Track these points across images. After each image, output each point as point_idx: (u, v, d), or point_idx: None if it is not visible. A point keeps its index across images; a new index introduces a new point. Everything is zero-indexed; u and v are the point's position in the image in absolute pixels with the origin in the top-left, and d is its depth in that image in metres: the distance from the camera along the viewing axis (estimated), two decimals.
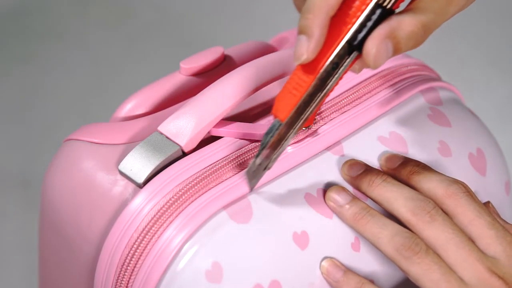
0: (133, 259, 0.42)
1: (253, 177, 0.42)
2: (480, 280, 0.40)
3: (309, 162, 0.45)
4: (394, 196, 0.42)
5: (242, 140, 0.45)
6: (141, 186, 0.43)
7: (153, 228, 0.42)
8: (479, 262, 0.40)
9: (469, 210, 0.41)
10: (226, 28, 1.14)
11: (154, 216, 0.42)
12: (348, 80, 0.50)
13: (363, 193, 0.44)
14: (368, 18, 0.38)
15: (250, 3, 1.19)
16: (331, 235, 0.43)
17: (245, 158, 0.44)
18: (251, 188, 0.43)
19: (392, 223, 0.42)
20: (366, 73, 0.50)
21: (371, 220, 0.42)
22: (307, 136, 0.46)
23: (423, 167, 0.44)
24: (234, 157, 0.44)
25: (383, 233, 0.41)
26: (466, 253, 0.40)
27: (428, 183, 0.43)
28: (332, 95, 0.49)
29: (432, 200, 0.42)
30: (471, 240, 0.41)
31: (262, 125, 0.45)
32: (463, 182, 0.43)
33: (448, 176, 0.43)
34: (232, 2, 1.19)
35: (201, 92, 0.45)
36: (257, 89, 0.45)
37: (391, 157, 0.45)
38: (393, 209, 0.42)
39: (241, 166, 0.44)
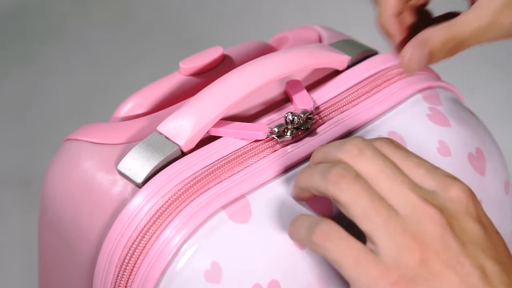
0: (132, 258, 0.42)
1: None
2: (413, 209, 0.38)
3: (308, 162, 0.45)
4: (310, 172, 0.41)
5: (242, 140, 0.45)
6: (140, 186, 0.43)
7: (152, 228, 0.42)
8: (413, 192, 0.38)
9: (395, 156, 0.40)
10: (226, 28, 1.15)
11: (153, 216, 0.42)
12: (347, 80, 0.50)
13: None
14: None
15: (249, 3, 1.19)
16: None
17: (244, 158, 0.44)
18: None
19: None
20: (365, 73, 0.50)
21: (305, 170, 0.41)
22: (306, 136, 0.46)
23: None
24: (233, 157, 0.44)
25: (314, 170, 0.40)
26: (398, 184, 0.38)
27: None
28: (331, 95, 0.49)
29: None
30: (404, 174, 0.39)
31: (262, 125, 0.45)
32: (386, 138, 0.41)
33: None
34: (232, 2, 1.19)
35: (200, 92, 0.45)
36: (256, 88, 0.45)
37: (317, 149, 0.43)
38: (313, 182, 0.40)
39: (240, 166, 0.44)
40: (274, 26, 1.13)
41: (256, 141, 0.45)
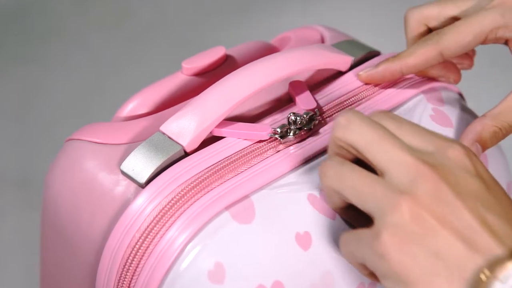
0: (135, 259, 0.42)
1: None
2: (405, 169, 0.36)
3: (312, 162, 0.45)
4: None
5: (245, 140, 0.45)
6: (143, 186, 0.43)
7: (155, 228, 0.41)
8: (404, 152, 0.37)
9: (389, 123, 0.39)
10: (228, 28, 1.15)
11: (156, 216, 0.42)
12: (350, 81, 0.49)
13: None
14: None
15: (251, 3, 1.19)
16: (334, 236, 0.43)
17: (248, 159, 0.44)
18: None
19: None
20: None
21: None
22: (309, 136, 0.46)
23: None
24: (236, 157, 0.44)
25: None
26: (389, 146, 0.37)
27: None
28: (335, 95, 0.49)
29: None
30: (395, 136, 0.38)
31: (265, 125, 0.45)
32: (380, 111, 0.41)
33: None
34: (234, 2, 1.19)
35: (203, 92, 0.45)
36: (259, 89, 0.45)
37: None
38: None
39: (243, 166, 0.44)
40: (275, 26, 1.13)
41: (259, 141, 0.45)
